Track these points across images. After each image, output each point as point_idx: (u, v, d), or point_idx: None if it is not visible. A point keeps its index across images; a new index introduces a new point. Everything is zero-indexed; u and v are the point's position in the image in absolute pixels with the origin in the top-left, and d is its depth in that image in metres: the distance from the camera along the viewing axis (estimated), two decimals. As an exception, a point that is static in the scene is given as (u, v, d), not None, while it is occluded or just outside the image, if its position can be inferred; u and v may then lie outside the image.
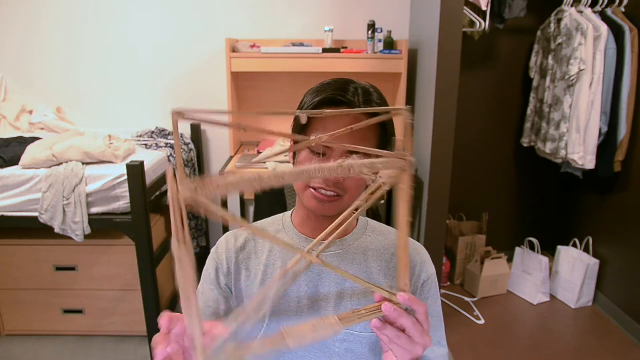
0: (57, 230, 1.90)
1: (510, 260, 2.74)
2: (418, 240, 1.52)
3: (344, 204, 0.79)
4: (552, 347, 2.24)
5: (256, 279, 0.86)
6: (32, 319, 2.21)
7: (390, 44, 2.42)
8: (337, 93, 0.78)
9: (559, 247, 2.65)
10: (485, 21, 2.29)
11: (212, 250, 0.90)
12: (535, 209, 2.97)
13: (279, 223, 0.92)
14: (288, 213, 0.93)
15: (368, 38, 2.39)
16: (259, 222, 0.95)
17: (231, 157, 2.51)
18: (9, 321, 2.22)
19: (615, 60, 2.21)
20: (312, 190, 0.78)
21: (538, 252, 2.62)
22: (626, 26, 2.18)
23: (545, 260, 2.56)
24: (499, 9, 2.35)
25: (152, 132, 2.54)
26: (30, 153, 1.91)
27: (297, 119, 0.82)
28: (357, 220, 0.93)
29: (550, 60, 2.40)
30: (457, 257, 2.77)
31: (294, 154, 0.85)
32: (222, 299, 0.86)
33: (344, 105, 0.77)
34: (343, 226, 0.64)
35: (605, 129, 2.29)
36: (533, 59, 2.56)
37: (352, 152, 0.77)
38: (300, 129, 0.81)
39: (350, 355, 0.84)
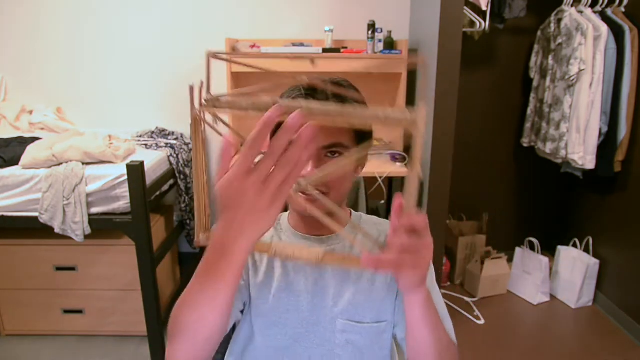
0: (57, 230, 1.90)
1: (510, 260, 2.74)
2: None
3: (331, 200, 0.80)
4: (552, 347, 2.23)
5: (260, 270, 0.87)
6: (32, 319, 2.21)
7: (390, 44, 2.42)
8: (306, 91, 0.78)
9: (559, 247, 2.65)
10: (485, 21, 2.29)
11: None
12: (535, 209, 2.97)
13: (277, 223, 0.93)
14: (285, 214, 0.95)
15: (368, 38, 2.39)
16: None
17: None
18: (9, 321, 2.22)
19: (615, 60, 2.21)
20: (298, 193, 0.79)
21: (538, 252, 2.62)
22: (626, 26, 2.18)
23: (545, 260, 2.56)
24: (499, 9, 2.35)
25: (152, 132, 2.54)
26: (30, 153, 1.91)
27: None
28: (351, 214, 0.95)
29: (550, 60, 2.40)
30: (457, 257, 2.77)
31: None
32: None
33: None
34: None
35: (605, 129, 2.29)
36: (533, 59, 2.56)
37: (329, 149, 0.78)
38: (274, 131, 0.81)
39: (350, 346, 0.85)
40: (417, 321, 0.67)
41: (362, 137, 0.83)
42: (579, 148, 2.28)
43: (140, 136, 2.49)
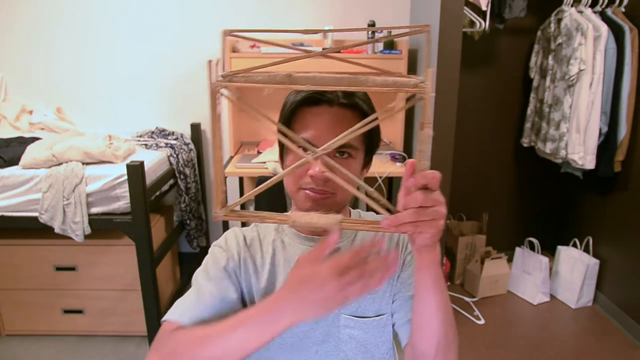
0: (57, 230, 1.90)
1: (510, 260, 2.74)
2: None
3: (337, 200, 0.80)
4: (552, 347, 2.24)
5: (262, 277, 0.86)
6: (32, 319, 2.21)
7: (390, 44, 2.42)
8: (316, 92, 0.78)
9: (559, 247, 2.65)
10: (485, 21, 2.29)
11: (220, 243, 0.88)
12: (535, 209, 2.97)
13: (278, 225, 0.92)
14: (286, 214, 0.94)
15: (368, 38, 2.39)
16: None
17: (231, 157, 2.51)
18: (9, 321, 2.22)
19: (615, 60, 2.21)
20: (305, 191, 0.79)
21: (538, 252, 2.62)
22: (626, 26, 2.18)
23: (545, 260, 2.56)
24: (499, 9, 2.35)
25: (152, 132, 2.54)
26: (30, 153, 1.91)
27: (280, 119, 0.83)
28: (350, 214, 0.94)
29: (550, 60, 2.40)
30: (457, 257, 2.77)
31: (282, 155, 0.86)
32: (232, 287, 0.84)
33: (323, 104, 0.78)
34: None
35: (605, 129, 2.29)
36: (533, 59, 2.56)
37: (340, 150, 0.78)
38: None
39: (353, 341, 0.85)
40: (428, 284, 0.68)
41: (371, 138, 0.83)
42: (579, 148, 2.28)
43: (140, 136, 2.49)
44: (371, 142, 0.84)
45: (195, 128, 2.67)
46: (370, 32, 2.38)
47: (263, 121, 0.59)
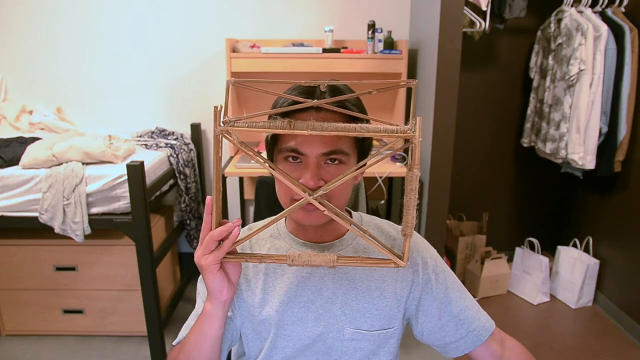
0: (57, 230, 1.90)
1: (510, 260, 2.74)
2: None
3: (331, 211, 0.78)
4: (552, 347, 2.24)
5: (256, 288, 0.85)
6: (32, 319, 2.21)
7: (390, 44, 2.42)
8: (302, 94, 0.75)
9: (559, 247, 2.65)
10: (485, 21, 2.29)
11: None
12: (535, 209, 2.97)
13: (274, 228, 0.90)
14: (281, 220, 0.92)
15: (368, 38, 2.39)
16: (254, 224, 0.94)
17: (231, 158, 2.51)
18: (9, 321, 2.23)
19: (615, 60, 2.21)
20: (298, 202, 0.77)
21: (538, 252, 2.62)
22: (626, 26, 2.18)
23: (545, 260, 2.56)
24: (499, 9, 2.35)
25: (152, 132, 2.54)
26: (30, 153, 1.91)
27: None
28: (351, 216, 0.92)
29: (550, 60, 2.40)
30: (457, 257, 2.77)
31: (271, 160, 0.82)
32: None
33: (311, 109, 0.74)
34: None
35: (605, 129, 2.29)
36: (533, 59, 2.56)
37: (328, 156, 0.74)
38: (272, 140, 0.79)
39: (359, 353, 0.84)
40: None
41: (362, 142, 0.80)
42: (579, 148, 2.28)
43: (140, 136, 2.49)
44: (363, 146, 0.80)
45: (195, 128, 2.67)
46: (370, 32, 2.38)
47: (260, 161, 0.66)
